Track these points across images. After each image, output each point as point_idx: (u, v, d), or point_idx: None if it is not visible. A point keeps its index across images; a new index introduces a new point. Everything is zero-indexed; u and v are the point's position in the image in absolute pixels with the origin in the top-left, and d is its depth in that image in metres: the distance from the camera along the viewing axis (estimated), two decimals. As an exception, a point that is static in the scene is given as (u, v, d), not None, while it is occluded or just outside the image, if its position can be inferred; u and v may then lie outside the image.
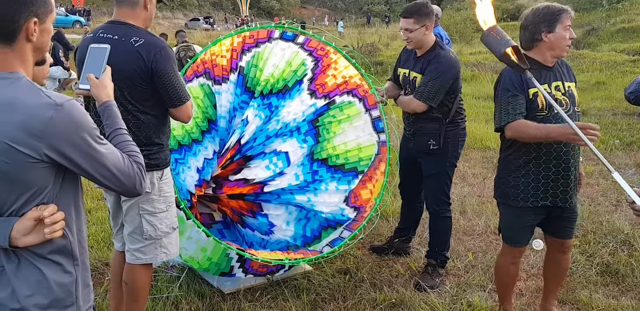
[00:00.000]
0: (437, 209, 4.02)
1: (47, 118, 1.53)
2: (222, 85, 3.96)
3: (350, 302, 3.71)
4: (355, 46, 17.73)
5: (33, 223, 1.59)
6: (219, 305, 3.65)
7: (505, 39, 2.42)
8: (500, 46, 2.47)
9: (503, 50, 2.44)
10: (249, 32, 3.97)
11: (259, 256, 3.55)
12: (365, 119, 4.20)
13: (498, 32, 2.48)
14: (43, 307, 1.67)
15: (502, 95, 3.01)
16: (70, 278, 1.71)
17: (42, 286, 1.66)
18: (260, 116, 4.10)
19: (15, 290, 1.64)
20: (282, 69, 4.11)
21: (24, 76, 1.62)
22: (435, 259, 4.04)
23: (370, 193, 4.18)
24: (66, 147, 1.57)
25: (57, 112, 1.54)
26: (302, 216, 4.27)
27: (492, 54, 2.80)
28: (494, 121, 3.14)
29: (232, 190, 4.25)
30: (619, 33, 20.51)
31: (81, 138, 1.59)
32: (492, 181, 6.05)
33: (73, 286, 1.72)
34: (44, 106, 1.55)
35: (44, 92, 1.60)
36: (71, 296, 1.72)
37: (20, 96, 1.56)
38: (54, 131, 1.54)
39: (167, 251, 3.03)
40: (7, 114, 1.53)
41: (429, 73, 3.74)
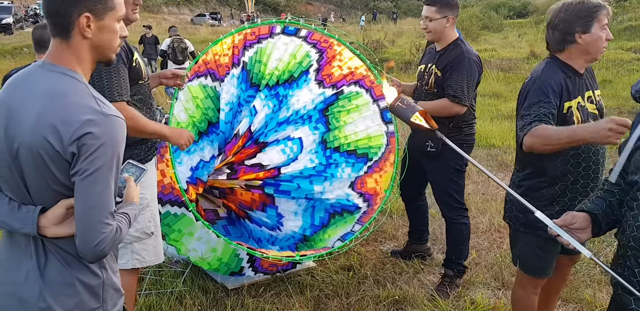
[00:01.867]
0: (450, 215, 3.89)
1: (84, 119, 1.52)
2: (224, 81, 3.96)
3: (354, 299, 3.71)
4: (360, 43, 17.70)
5: (64, 211, 1.59)
6: (222, 300, 3.67)
7: (411, 106, 2.35)
8: (408, 113, 2.39)
9: (410, 116, 2.37)
10: (250, 30, 3.96)
11: (270, 254, 3.56)
12: (374, 110, 4.19)
13: (402, 101, 2.42)
14: (69, 308, 1.65)
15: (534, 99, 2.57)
16: (97, 280, 1.70)
17: (69, 287, 1.65)
18: (269, 105, 4.08)
19: (42, 288, 1.64)
20: (287, 61, 4.10)
21: (81, 78, 1.62)
22: (453, 269, 3.90)
23: (375, 182, 4.16)
24: (83, 152, 1.52)
25: (98, 118, 1.54)
26: (309, 205, 4.28)
27: (498, 52, 2.75)
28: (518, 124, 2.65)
29: (248, 175, 4.24)
30: (626, 31, 20.39)
31: (103, 153, 1.53)
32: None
33: (100, 289, 1.70)
34: (88, 108, 1.54)
35: (97, 99, 1.59)
36: (98, 299, 1.70)
37: (72, 93, 1.56)
38: (85, 131, 1.51)
39: (140, 258, 2.92)
40: (52, 103, 1.54)
41: (455, 71, 3.58)
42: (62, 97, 1.55)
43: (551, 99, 2.53)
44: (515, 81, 13.36)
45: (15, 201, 1.63)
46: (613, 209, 2.00)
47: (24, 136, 1.54)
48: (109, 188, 1.56)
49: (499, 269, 4.15)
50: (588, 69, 2.74)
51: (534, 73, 2.69)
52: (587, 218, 1.99)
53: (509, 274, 4.08)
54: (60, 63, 1.61)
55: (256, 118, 4.03)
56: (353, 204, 4.15)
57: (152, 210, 2.93)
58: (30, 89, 1.58)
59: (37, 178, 1.57)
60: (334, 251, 3.79)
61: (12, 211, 1.61)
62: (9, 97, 1.61)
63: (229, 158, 4.12)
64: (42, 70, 1.61)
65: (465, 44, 3.71)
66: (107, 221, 1.56)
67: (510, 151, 7.54)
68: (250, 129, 4.05)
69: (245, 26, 3.92)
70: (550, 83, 2.56)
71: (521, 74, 14.17)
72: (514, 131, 7.95)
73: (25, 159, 1.55)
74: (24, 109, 1.56)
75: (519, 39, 21.76)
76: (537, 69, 2.71)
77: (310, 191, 4.19)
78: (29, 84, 1.60)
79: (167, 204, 3.66)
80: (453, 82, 3.58)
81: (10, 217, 1.61)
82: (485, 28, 26.08)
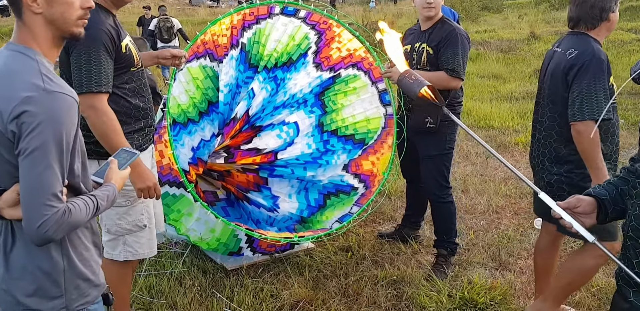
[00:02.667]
0: (438, 194, 3.90)
1: (23, 96, 1.48)
2: (223, 62, 3.94)
3: (352, 279, 3.74)
4: (359, 24, 17.58)
5: (17, 196, 1.55)
6: (222, 281, 3.70)
7: (419, 81, 2.35)
8: (415, 88, 2.38)
9: (418, 91, 2.36)
10: (248, 10, 3.92)
11: (268, 235, 3.58)
12: (372, 92, 4.17)
13: (410, 75, 2.41)
14: (28, 294, 1.63)
15: (595, 80, 2.66)
16: (57, 267, 1.65)
17: (28, 272, 1.62)
18: (267, 89, 4.07)
19: (4, 271, 1.63)
20: (286, 43, 4.08)
21: (35, 55, 1.59)
22: (446, 248, 3.92)
23: (371, 164, 4.17)
24: (22, 130, 1.47)
25: (38, 94, 1.49)
26: (301, 187, 4.30)
27: (498, 33, 2.75)
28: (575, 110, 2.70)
29: (245, 159, 4.25)
30: (627, 12, 20.22)
31: (42, 132, 1.48)
32: (494, 161, 6.02)
33: (61, 276, 1.65)
34: (30, 85, 1.51)
35: (46, 76, 1.55)
36: (59, 287, 1.66)
37: (19, 71, 1.55)
38: (23, 109, 1.47)
39: (133, 251, 2.88)
40: (1, 85, 1.53)
41: (449, 47, 3.63)
42: (10, 75, 1.53)
43: (606, 77, 2.67)
44: (515, 62, 13.30)
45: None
46: (624, 197, 1.90)
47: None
48: (50, 168, 1.50)
49: (496, 249, 4.18)
50: None
51: (582, 49, 2.72)
52: (592, 203, 1.91)
53: (506, 254, 4.11)
54: (18, 42, 1.61)
55: (254, 101, 4.02)
56: (348, 185, 4.17)
57: (146, 202, 2.85)
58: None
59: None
60: (332, 233, 3.82)
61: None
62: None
63: (226, 141, 4.12)
64: (4, 50, 1.62)
65: (451, 22, 3.77)
66: (50, 203, 1.50)
67: (509, 133, 7.54)
68: (248, 112, 4.05)
69: (243, 6, 3.89)
70: (604, 60, 2.66)
71: (521, 55, 14.09)
72: (513, 112, 7.93)
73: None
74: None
75: (519, 19, 21.57)
76: (584, 45, 2.74)
77: (303, 177, 4.21)
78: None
79: (166, 184, 3.67)
80: (449, 57, 3.63)
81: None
82: (485, 9, 25.84)
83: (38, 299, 1.64)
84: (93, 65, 2.48)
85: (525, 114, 8.36)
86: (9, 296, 1.64)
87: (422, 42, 3.78)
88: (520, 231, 4.51)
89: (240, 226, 3.52)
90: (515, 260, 4.08)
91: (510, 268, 3.96)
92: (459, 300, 3.46)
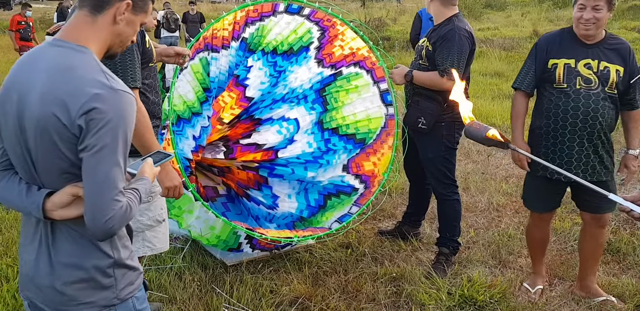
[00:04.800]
0: (443, 192, 3.88)
1: (92, 93, 1.49)
2: (220, 52, 3.91)
3: (352, 276, 3.74)
4: (362, 21, 17.55)
5: (70, 199, 1.57)
6: (221, 276, 3.70)
7: (484, 126, 2.43)
8: (482, 132, 2.46)
9: (484, 134, 2.44)
10: (252, 7, 3.91)
11: (268, 235, 3.58)
12: (374, 91, 4.16)
13: (476, 124, 2.49)
14: (80, 289, 1.65)
15: None
16: (108, 260, 1.67)
17: (78, 267, 1.64)
18: (266, 73, 4.04)
19: (51, 270, 1.64)
20: (287, 35, 4.05)
21: (92, 54, 1.60)
22: (448, 246, 3.90)
23: (373, 165, 4.16)
24: (91, 127, 1.48)
25: (106, 92, 1.51)
26: (301, 188, 4.29)
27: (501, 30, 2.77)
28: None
29: (245, 155, 4.24)
30: (630, 10, 20.18)
31: (111, 129, 1.50)
32: (496, 159, 6.05)
33: (111, 269, 1.68)
34: (96, 82, 1.52)
35: (106, 73, 1.57)
36: (109, 278, 1.68)
37: (79, 66, 1.54)
38: (92, 106, 1.48)
39: (152, 246, 2.91)
40: (59, 77, 1.52)
41: (445, 46, 3.59)
42: (70, 71, 1.53)
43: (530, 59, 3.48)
44: (518, 60, 13.25)
45: (25, 182, 1.62)
46: None
47: (32, 112, 1.52)
48: (117, 165, 1.53)
49: (497, 247, 4.17)
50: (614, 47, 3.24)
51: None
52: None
53: (506, 252, 4.11)
54: (73, 39, 1.59)
55: (252, 78, 3.97)
56: (348, 185, 4.16)
57: (161, 199, 2.90)
58: (37, 65, 1.57)
59: (44, 155, 1.55)
60: (331, 233, 3.81)
61: (21, 194, 1.60)
62: (17, 74, 1.60)
63: (220, 113, 4.05)
64: (50, 46, 1.59)
65: (459, 20, 3.70)
66: (117, 198, 1.53)
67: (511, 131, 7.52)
68: (245, 93, 4.00)
69: (248, 3, 3.87)
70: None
71: (523, 53, 14.03)
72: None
73: (33, 136, 1.53)
74: (31, 84, 1.54)
75: (522, 17, 21.54)
76: None
77: (303, 177, 4.20)
78: (37, 60, 1.58)
79: None
80: (443, 57, 3.60)
81: (19, 199, 1.60)
82: (488, 6, 25.80)
83: (91, 291, 1.66)
84: (128, 60, 2.50)
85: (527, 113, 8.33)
86: (60, 294, 1.65)
87: (426, 38, 3.78)
88: (520, 230, 4.50)
89: (240, 226, 3.52)
90: (516, 258, 4.07)
91: (511, 266, 3.95)
92: (458, 297, 3.46)
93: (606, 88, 3.18)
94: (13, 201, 1.63)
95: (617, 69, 3.17)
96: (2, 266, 3.73)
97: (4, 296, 3.37)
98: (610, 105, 3.21)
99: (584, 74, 3.20)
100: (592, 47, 3.21)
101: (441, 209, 3.97)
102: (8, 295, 3.39)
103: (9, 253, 3.96)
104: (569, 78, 3.22)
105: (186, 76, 3.73)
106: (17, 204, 1.61)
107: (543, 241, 3.62)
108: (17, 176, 1.64)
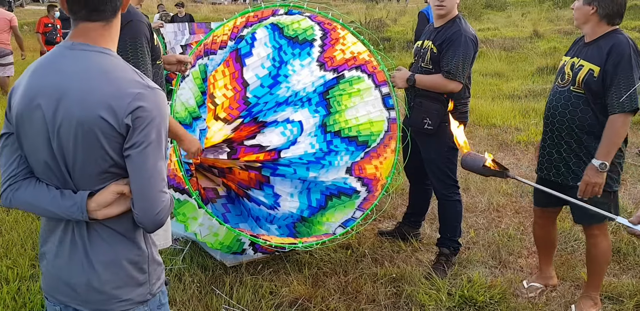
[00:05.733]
0: (444, 192, 3.89)
1: (135, 92, 1.52)
2: (217, 53, 3.91)
3: (352, 276, 3.74)
4: (362, 22, 17.55)
5: (114, 197, 1.59)
6: (221, 277, 3.70)
7: (480, 156, 2.42)
8: (478, 162, 2.44)
9: (482, 164, 2.42)
10: (252, 13, 3.91)
11: (272, 241, 3.58)
12: (376, 95, 4.16)
13: (472, 154, 2.48)
14: (119, 286, 1.66)
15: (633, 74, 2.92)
16: (142, 255, 1.70)
17: (117, 265, 1.65)
18: (269, 55, 4.02)
19: (87, 270, 1.64)
20: (289, 23, 4.03)
21: (116, 54, 1.63)
22: (448, 247, 3.90)
23: (375, 168, 4.16)
24: (137, 125, 1.52)
25: (147, 92, 1.55)
26: (304, 187, 4.29)
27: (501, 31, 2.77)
28: (620, 103, 2.93)
29: (248, 156, 4.24)
30: (630, 10, 20.14)
31: (156, 125, 1.55)
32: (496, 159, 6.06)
33: (145, 263, 1.71)
34: (135, 82, 1.55)
35: (138, 73, 1.60)
36: (144, 273, 1.71)
37: (113, 68, 1.56)
38: (138, 105, 1.52)
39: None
40: (97, 80, 1.53)
41: (451, 48, 3.60)
42: (106, 73, 1.55)
43: None
44: (518, 61, 13.26)
45: (53, 187, 1.61)
46: None
47: (71, 116, 1.51)
48: (162, 159, 1.59)
49: (497, 248, 4.17)
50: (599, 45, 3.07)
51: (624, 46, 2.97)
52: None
53: (506, 253, 4.11)
54: (96, 44, 1.59)
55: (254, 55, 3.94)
56: (350, 188, 4.16)
57: None
58: (63, 69, 1.55)
59: (85, 158, 1.55)
60: (336, 238, 3.81)
61: (56, 199, 1.58)
62: (40, 80, 1.57)
63: (212, 90, 4.04)
64: (74, 51, 1.58)
65: (463, 22, 3.72)
66: (165, 190, 1.59)
67: (511, 131, 7.52)
68: (243, 73, 3.97)
69: (248, 10, 3.87)
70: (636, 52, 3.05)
71: (524, 53, 14.05)
72: (515, 111, 7.93)
73: (73, 139, 1.52)
74: (63, 89, 1.52)
75: (523, 18, 21.53)
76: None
77: (305, 177, 4.20)
78: (60, 64, 1.57)
79: (171, 188, 3.66)
80: (449, 59, 3.60)
81: (53, 205, 1.58)
82: (488, 7, 25.78)
83: (129, 288, 1.68)
84: (140, 56, 2.53)
85: (527, 113, 8.34)
86: (99, 293, 1.65)
87: (430, 40, 3.77)
88: (520, 230, 4.50)
89: (244, 233, 3.51)
90: (516, 258, 4.07)
91: (511, 266, 3.95)
92: (458, 298, 3.46)
93: (573, 87, 3.12)
94: (46, 207, 1.60)
95: (592, 68, 3.03)
96: (2, 268, 3.73)
97: (3, 298, 3.38)
98: (581, 105, 3.10)
99: (566, 71, 3.19)
100: (587, 46, 3.15)
101: (442, 209, 3.97)
102: (8, 296, 3.39)
103: (9, 255, 3.96)
104: (557, 75, 3.29)
105: (188, 84, 3.73)
106: (53, 210, 1.59)
107: (545, 240, 3.59)
108: (42, 182, 1.62)
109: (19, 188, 1.62)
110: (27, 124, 1.57)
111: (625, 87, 2.91)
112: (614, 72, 2.94)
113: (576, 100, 3.11)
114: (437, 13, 3.73)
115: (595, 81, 3.02)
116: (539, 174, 3.40)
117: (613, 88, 2.95)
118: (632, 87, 2.89)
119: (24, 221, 4.50)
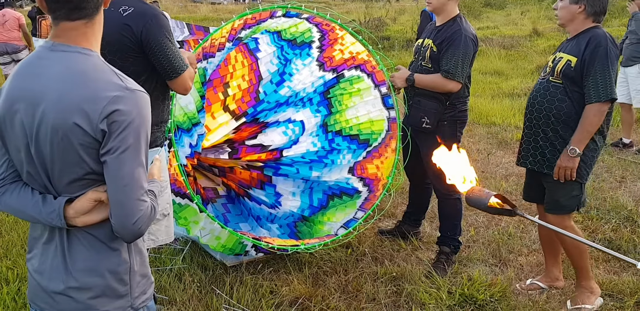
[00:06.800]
0: (443, 191, 3.87)
1: (111, 96, 1.46)
2: (215, 56, 3.91)
3: (352, 275, 3.74)
4: (361, 21, 17.52)
5: (92, 204, 1.54)
6: (221, 277, 3.69)
7: (485, 192, 2.39)
8: (483, 200, 2.42)
9: (487, 203, 2.40)
10: (250, 15, 3.90)
11: (275, 243, 3.57)
12: (375, 95, 4.16)
13: (475, 191, 2.45)
14: (95, 296, 1.60)
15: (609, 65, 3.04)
16: (124, 265, 1.63)
17: (95, 273, 1.60)
18: (275, 52, 4.02)
19: (66, 277, 1.59)
20: (287, 27, 4.04)
21: (98, 55, 1.57)
22: (449, 246, 3.90)
23: (376, 168, 4.16)
24: (113, 129, 1.46)
25: (124, 94, 1.48)
26: (306, 187, 4.29)
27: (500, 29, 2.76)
28: (597, 92, 3.06)
29: (250, 155, 4.24)
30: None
31: (134, 130, 1.48)
32: (496, 157, 6.03)
33: (127, 275, 1.64)
34: (112, 84, 1.49)
35: (118, 74, 1.54)
36: (125, 285, 1.64)
37: (91, 70, 1.51)
38: (114, 109, 1.45)
39: (155, 238, 2.93)
40: (72, 83, 1.48)
41: (450, 48, 3.60)
42: (83, 75, 1.49)
43: None
44: (517, 59, 13.24)
45: (38, 192, 1.58)
46: None
47: (47, 121, 1.47)
48: (141, 165, 1.52)
49: (497, 246, 4.17)
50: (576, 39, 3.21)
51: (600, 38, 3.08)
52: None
53: (507, 251, 4.10)
54: (77, 44, 1.54)
55: (262, 51, 3.95)
56: (352, 188, 4.16)
57: (168, 192, 2.95)
58: (44, 72, 1.51)
59: (62, 163, 1.51)
60: (338, 239, 3.81)
61: (37, 205, 1.55)
62: (21, 83, 1.53)
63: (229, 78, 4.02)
64: (51, 52, 1.53)
65: (464, 21, 3.71)
66: (143, 198, 1.52)
67: (511, 129, 7.52)
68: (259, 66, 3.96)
69: (246, 12, 3.86)
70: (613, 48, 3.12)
71: (523, 51, 14.02)
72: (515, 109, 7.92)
73: (49, 144, 1.49)
74: (42, 93, 1.48)
75: (522, 16, 21.50)
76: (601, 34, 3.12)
77: (308, 177, 4.20)
78: (41, 67, 1.52)
79: (172, 193, 3.65)
80: (448, 59, 3.61)
81: (35, 211, 1.55)
82: (487, 5, 25.74)
83: (107, 299, 1.62)
84: (173, 48, 2.62)
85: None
86: (75, 302, 1.61)
87: (430, 38, 3.77)
88: (520, 228, 4.50)
89: (247, 236, 3.51)
90: (516, 256, 4.07)
91: (511, 264, 3.95)
92: (458, 296, 3.46)
93: (552, 77, 3.22)
94: (29, 213, 1.57)
95: (569, 59, 3.14)
96: (2, 269, 3.73)
97: (3, 299, 3.37)
98: (558, 95, 3.19)
99: (549, 65, 3.29)
100: (570, 41, 3.26)
101: (442, 208, 3.97)
102: (8, 297, 3.39)
103: (9, 255, 3.96)
104: (542, 70, 3.40)
105: None
106: (35, 215, 1.56)
107: (548, 239, 3.58)
108: (28, 187, 1.59)
109: (5, 192, 1.60)
110: (10, 128, 1.54)
111: (601, 78, 3.04)
112: (591, 63, 3.06)
113: (554, 90, 3.21)
114: (428, 9, 3.77)
115: (573, 70, 3.13)
116: (517, 164, 3.50)
117: (590, 78, 3.07)
118: (607, 78, 3.03)
119: (23, 222, 4.50)
